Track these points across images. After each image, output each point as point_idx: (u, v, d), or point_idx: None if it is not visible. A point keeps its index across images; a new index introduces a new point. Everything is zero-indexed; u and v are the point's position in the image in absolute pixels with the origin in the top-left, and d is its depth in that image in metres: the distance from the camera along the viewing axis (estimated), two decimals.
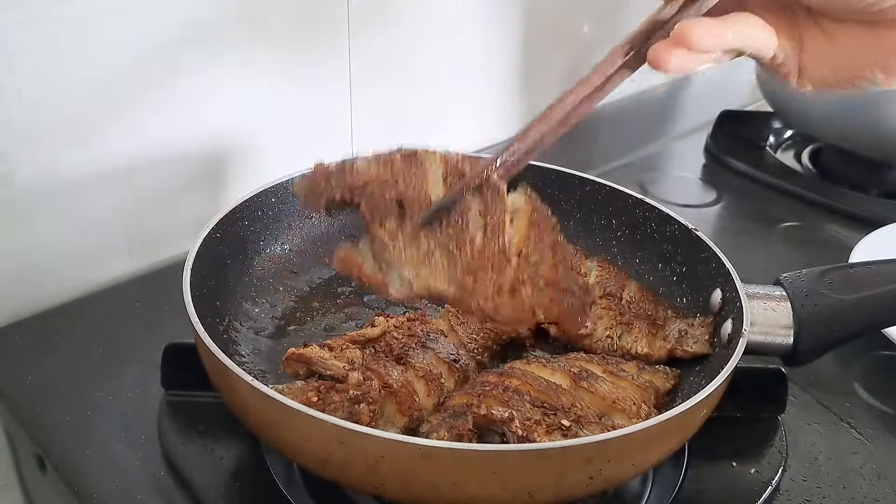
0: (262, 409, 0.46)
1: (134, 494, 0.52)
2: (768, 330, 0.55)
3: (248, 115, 0.78)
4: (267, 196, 0.67)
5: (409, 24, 0.89)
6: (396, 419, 0.50)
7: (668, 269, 0.68)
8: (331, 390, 0.49)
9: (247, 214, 0.65)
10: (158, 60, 0.69)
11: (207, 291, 0.57)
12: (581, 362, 0.57)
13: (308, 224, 0.71)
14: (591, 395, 0.53)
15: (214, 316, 0.57)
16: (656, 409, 0.55)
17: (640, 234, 0.70)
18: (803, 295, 0.56)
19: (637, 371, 0.58)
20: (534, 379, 0.53)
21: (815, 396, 0.65)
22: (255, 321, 0.63)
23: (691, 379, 0.59)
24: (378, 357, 0.54)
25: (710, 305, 0.61)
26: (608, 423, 0.51)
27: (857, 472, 0.58)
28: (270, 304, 0.65)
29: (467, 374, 0.57)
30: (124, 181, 0.71)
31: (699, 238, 0.64)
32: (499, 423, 0.48)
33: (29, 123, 0.64)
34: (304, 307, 0.66)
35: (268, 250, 0.68)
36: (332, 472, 0.46)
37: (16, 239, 0.67)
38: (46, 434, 0.57)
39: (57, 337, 0.66)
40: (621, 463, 0.46)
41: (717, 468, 0.56)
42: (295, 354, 0.52)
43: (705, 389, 0.47)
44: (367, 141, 0.90)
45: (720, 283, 0.60)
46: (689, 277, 0.66)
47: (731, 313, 0.57)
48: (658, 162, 1.06)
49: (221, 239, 0.61)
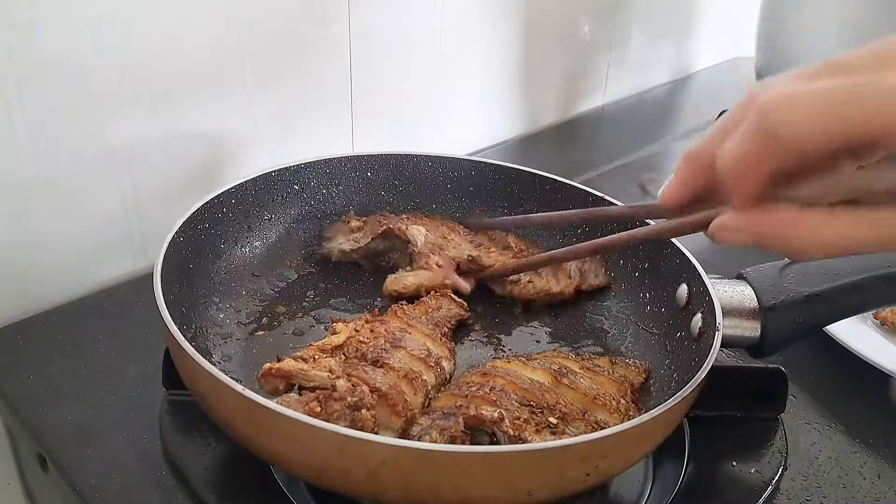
0: (253, 419, 0.45)
1: (135, 493, 0.52)
2: (736, 323, 0.56)
3: (248, 115, 0.78)
4: (227, 197, 0.65)
5: (409, 25, 0.90)
6: (392, 422, 0.50)
7: (629, 265, 0.69)
8: (329, 399, 0.48)
9: (207, 217, 0.63)
10: (160, 60, 0.69)
11: (174, 298, 0.55)
12: (559, 359, 0.58)
13: (267, 226, 0.70)
14: (572, 391, 0.54)
15: (182, 323, 0.55)
16: (634, 403, 0.55)
17: (601, 232, 0.70)
18: (768, 288, 0.57)
19: (611, 366, 0.59)
20: (517, 377, 0.54)
21: (814, 396, 0.65)
22: (221, 327, 0.61)
23: (662, 372, 0.60)
24: (352, 363, 0.53)
25: (675, 300, 0.62)
26: (591, 418, 0.52)
27: (857, 471, 0.58)
28: (234, 309, 0.63)
29: (442, 365, 0.57)
30: (125, 181, 0.71)
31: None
32: (489, 423, 0.49)
33: (29, 124, 0.64)
34: (271, 312, 0.64)
35: (229, 253, 0.66)
36: (329, 481, 0.46)
37: (16, 239, 0.67)
38: (48, 433, 0.57)
39: (58, 337, 0.66)
40: (616, 458, 0.47)
41: (718, 468, 0.57)
42: (273, 370, 0.51)
43: (689, 384, 0.48)
44: (368, 141, 0.90)
45: (685, 277, 0.61)
46: (652, 273, 0.66)
47: (699, 307, 0.58)
48: (658, 162, 1.06)
49: (184, 243, 0.60)
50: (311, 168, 0.71)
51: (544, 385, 0.54)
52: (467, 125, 1.04)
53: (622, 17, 1.19)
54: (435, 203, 0.75)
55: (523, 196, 0.75)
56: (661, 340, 0.63)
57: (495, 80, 1.05)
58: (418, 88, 0.94)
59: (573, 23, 1.13)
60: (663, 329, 0.63)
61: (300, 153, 0.83)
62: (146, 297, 0.70)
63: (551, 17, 1.08)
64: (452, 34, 0.95)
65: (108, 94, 0.67)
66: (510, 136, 1.11)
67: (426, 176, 0.75)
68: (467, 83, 1.01)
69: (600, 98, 1.23)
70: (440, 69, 0.95)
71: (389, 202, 0.74)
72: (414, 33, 0.90)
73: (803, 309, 0.56)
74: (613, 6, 1.17)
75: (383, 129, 0.92)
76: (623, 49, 1.23)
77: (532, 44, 1.06)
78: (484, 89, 1.04)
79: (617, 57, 1.22)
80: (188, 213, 0.61)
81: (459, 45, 0.97)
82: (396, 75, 0.91)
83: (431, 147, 0.96)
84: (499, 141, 1.09)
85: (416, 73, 0.93)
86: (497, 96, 1.07)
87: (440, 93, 0.97)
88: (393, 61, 0.89)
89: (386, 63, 0.89)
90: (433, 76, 0.95)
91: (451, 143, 1.01)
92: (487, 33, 1.00)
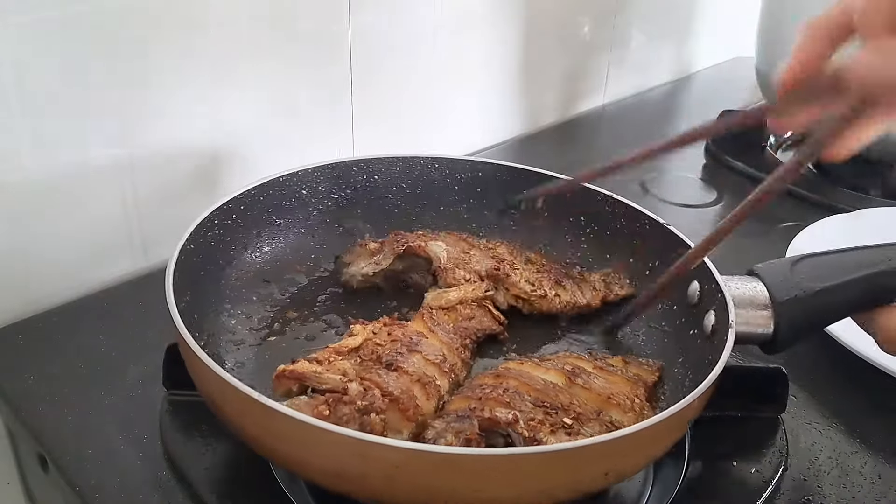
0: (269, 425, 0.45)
1: (135, 494, 0.52)
2: (749, 320, 0.56)
3: (248, 116, 0.78)
4: (236, 203, 0.65)
5: (409, 25, 0.89)
6: (403, 426, 0.50)
7: (640, 264, 0.69)
8: (339, 403, 0.48)
9: (217, 224, 0.63)
10: (160, 60, 0.69)
11: (185, 306, 0.54)
12: (571, 360, 0.58)
13: (277, 231, 0.70)
14: (586, 391, 0.54)
15: (194, 331, 0.54)
16: (647, 402, 0.55)
17: (610, 231, 0.70)
18: (779, 283, 0.56)
19: (624, 365, 0.59)
20: (530, 378, 0.53)
21: (815, 395, 0.65)
22: (234, 333, 0.61)
23: (675, 371, 0.60)
24: (367, 365, 0.53)
25: (686, 297, 0.62)
26: (606, 418, 0.52)
27: (857, 471, 0.58)
28: (246, 316, 0.63)
29: (455, 373, 0.57)
30: (125, 182, 0.71)
31: (671, 232, 0.65)
32: (504, 424, 0.49)
33: (29, 124, 0.64)
34: (282, 317, 0.64)
35: (239, 259, 0.66)
36: (344, 486, 0.46)
37: (16, 239, 0.67)
38: (48, 433, 0.57)
39: (58, 337, 0.66)
40: (634, 457, 0.47)
41: (718, 467, 0.57)
42: (287, 371, 0.51)
43: (704, 382, 0.48)
44: (368, 141, 0.90)
45: (696, 275, 0.61)
46: (663, 271, 0.66)
47: (711, 304, 0.58)
48: (658, 162, 1.06)
49: (194, 250, 0.59)
50: (318, 172, 0.71)
51: (558, 386, 0.53)
52: (467, 125, 1.04)
53: (622, 17, 1.19)
54: (443, 205, 0.75)
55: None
56: (673, 338, 0.63)
57: (495, 80, 1.05)
58: (418, 88, 0.94)
59: (573, 23, 1.13)
60: (676, 327, 0.63)
61: (300, 153, 0.83)
62: (146, 298, 0.71)
63: (552, 17, 1.08)
64: (453, 34, 0.95)
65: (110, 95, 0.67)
66: (510, 136, 1.11)
67: (434, 178, 0.75)
68: (467, 83, 1.01)
69: (600, 98, 1.23)
70: (440, 69, 0.95)
71: (397, 205, 0.74)
72: (414, 33, 0.90)
73: (816, 304, 0.56)
74: (614, 6, 1.17)
75: (383, 129, 0.92)
76: (623, 49, 1.23)
77: (532, 44, 1.06)
78: (484, 89, 1.04)
79: (617, 57, 1.22)
80: (198, 220, 0.61)
81: (460, 45, 0.97)
82: (396, 75, 0.91)
83: (432, 147, 0.96)
84: (499, 141, 1.09)
85: (416, 72, 0.93)
86: (497, 96, 1.07)
87: (440, 93, 0.97)
88: (393, 61, 0.89)
89: (386, 63, 0.89)
90: (433, 76, 0.95)
91: (452, 143, 1.01)
92: (488, 33, 1.00)
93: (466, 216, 0.75)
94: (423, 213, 0.75)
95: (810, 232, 0.81)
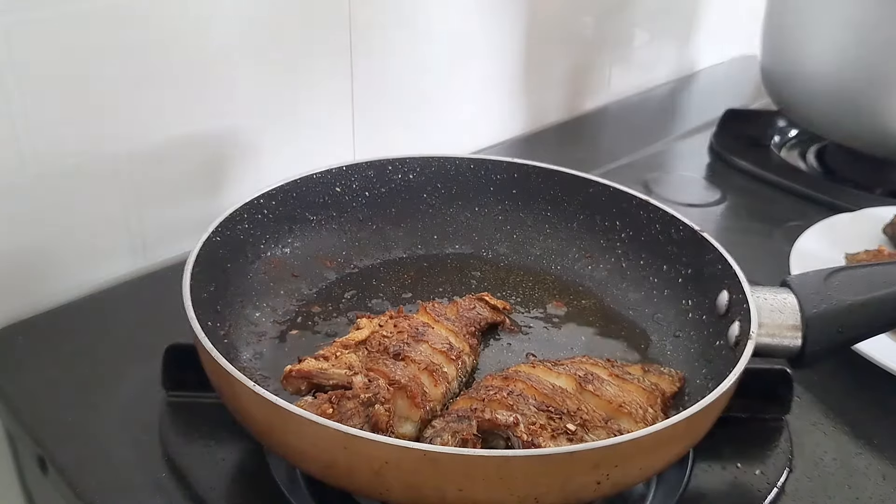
0: (265, 416, 0.46)
1: (135, 495, 0.52)
2: (775, 332, 0.54)
3: (249, 115, 0.78)
4: (268, 199, 0.66)
5: (410, 25, 0.89)
6: (412, 414, 0.50)
7: (673, 271, 0.67)
8: (342, 399, 0.48)
9: (247, 217, 0.64)
10: (161, 61, 0.69)
11: (207, 296, 0.56)
12: (587, 366, 0.56)
13: (308, 227, 0.70)
14: (597, 398, 0.52)
15: (215, 321, 0.57)
16: (663, 412, 0.54)
17: (645, 236, 0.69)
18: (810, 296, 0.55)
19: (642, 374, 0.57)
20: (539, 382, 0.53)
21: (819, 397, 0.64)
22: (257, 325, 0.62)
23: (697, 382, 0.58)
24: (375, 357, 0.53)
25: (716, 307, 0.61)
26: (614, 427, 0.51)
27: (862, 473, 0.58)
28: (272, 309, 0.64)
29: (463, 359, 0.57)
30: (125, 181, 0.71)
31: (705, 239, 0.64)
32: (503, 427, 0.48)
33: (29, 124, 0.64)
34: (306, 312, 0.65)
35: (268, 254, 0.67)
36: (335, 479, 0.46)
37: (16, 239, 0.67)
38: (47, 435, 0.57)
39: (58, 337, 0.66)
40: (629, 467, 0.45)
41: (722, 469, 0.56)
42: (294, 371, 0.51)
43: (713, 393, 0.47)
44: (369, 141, 0.90)
45: (727, 284, 0.60)
46: (695, 279, 0.65)
47: (737, 315, 0.57)
48: (662, 161, 1.06)
49: (221, 243, 0.60)
50: (353, 171, 0.71)
51: (567, 391, 0.52)
52: (470, 124, 1.04)
53: (625, 16, 1.19)
54: (477, 206, 0.75)
55: (566, 198, 0.73)
56: (699, 349, 0.61)
57: (498, 79, 1.05)
58: (421, 87, 0.94)
59: (577, 21, 1.12)
60: (703, 337, 0.62)
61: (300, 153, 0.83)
62: (146, 298, 0.71)
63: (555, 16, 1.08)
64: (455, 33, 0.94)
65: (110, 95, 0.67)
66: (514, 135, 1.11)
67: (469, 178, 0.74)
68: (470, 82, 1.01)
69: (604, 97, 1.23)
70: (443, 68, 0.95)
71: (432, 204, 0.74)
72: (417, 32, 0.90)
73: (848, 317, 0.54)
74: (617, 5, 1.16)
75: (385, 128, 0.92)
76: (626, 48, 1.22)
77: (535, 42, 1.06)
78: (487, 88, 1.04)
79: (620, 55, 1.22)
80: (226, 214, 0.61)
81: (462, 44, 0.96)
82: (399, 74, 0.90)
83: (435, 146, 0.96)
84: (502, 140, 1.09)
85: (418, 71, 0.93)
86: (500, 95, 1.06)
87: (443, 92, 0.97)
88: (395, 60, 0.89)
89: (388, 62, 0.88)
90: (436, 75, 0.95)
91: (455, 142, 1.01)
92: (491, 32, 1.00)
93: (501, 218, 0.75)
94: (458, 214, 0.74)
95: (815, 231, 0.81)
